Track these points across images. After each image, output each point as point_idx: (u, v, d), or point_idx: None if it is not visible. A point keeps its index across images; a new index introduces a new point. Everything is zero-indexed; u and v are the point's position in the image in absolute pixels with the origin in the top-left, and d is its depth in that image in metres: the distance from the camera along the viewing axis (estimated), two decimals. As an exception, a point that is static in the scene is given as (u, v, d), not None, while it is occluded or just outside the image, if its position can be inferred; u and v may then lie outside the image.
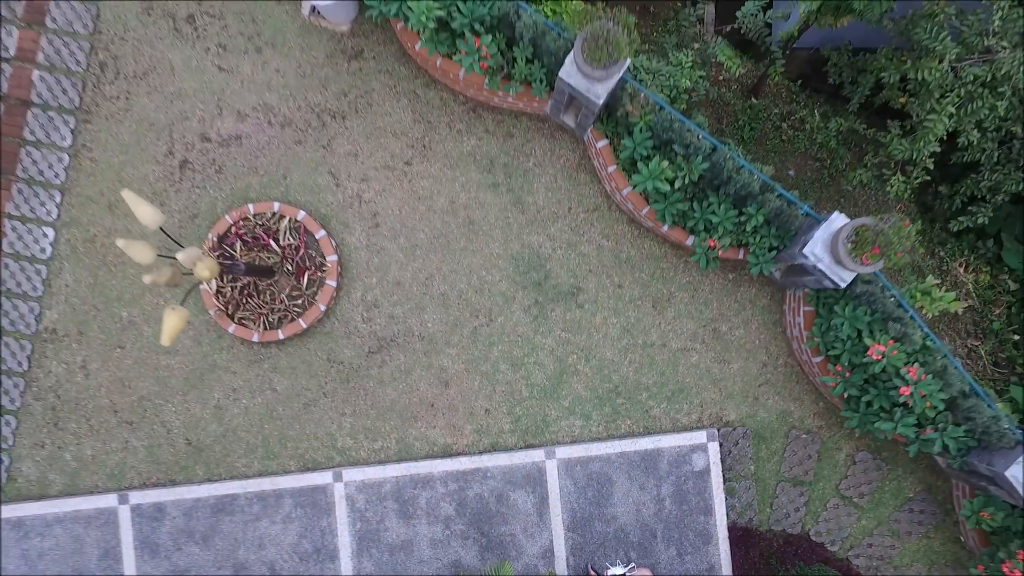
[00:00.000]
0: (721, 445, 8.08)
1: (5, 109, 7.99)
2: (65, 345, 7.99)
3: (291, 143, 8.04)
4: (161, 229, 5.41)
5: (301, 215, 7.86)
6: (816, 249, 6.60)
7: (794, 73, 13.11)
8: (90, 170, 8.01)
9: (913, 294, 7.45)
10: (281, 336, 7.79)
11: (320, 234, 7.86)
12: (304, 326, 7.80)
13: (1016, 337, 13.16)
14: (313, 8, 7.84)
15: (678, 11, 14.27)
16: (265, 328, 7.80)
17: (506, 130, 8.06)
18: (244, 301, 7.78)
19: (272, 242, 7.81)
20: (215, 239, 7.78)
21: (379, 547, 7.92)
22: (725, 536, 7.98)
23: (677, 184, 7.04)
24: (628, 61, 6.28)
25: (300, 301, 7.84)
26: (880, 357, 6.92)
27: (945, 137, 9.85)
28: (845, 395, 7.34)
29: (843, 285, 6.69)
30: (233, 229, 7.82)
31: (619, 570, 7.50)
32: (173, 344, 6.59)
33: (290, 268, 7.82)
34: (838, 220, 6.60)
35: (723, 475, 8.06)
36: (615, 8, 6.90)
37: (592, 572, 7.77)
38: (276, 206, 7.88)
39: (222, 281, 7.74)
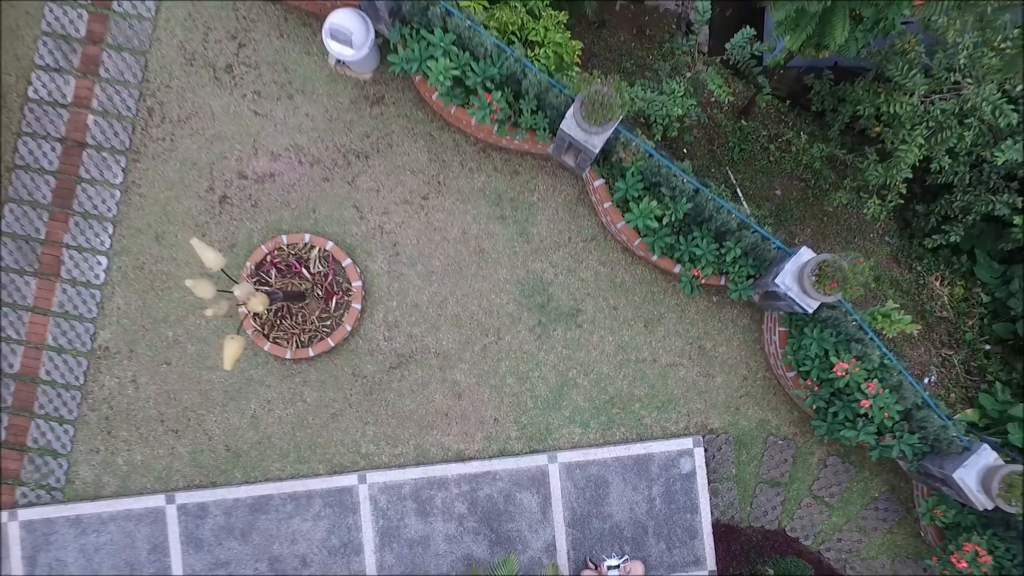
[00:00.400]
0: (706, 450, 9.00)
1: (63, 150, 8.90)
2: (117, 361, 8.90)
3: (319, 180, 8.96)
4: (222, 271, 6.32)
5: (329, 245, 8.77)
6: (786, 279, 7.52)
7: (785, 91, 14.02)
8: (139, 204, 8.92)
9: (875, 316, 8.36)
10: (311, 353, 8.71)
11: (346, 262, 8.78)
12: (332, 344, 8.72)
13: (987, 347, 14.13)
14: (339, 60, 8.74)
15: (672, 33, 15.18)
16: (297, 346, 8.72)
17: (512, 168, 8.98)
18: (278, 322, 8.70)
19: (304, 270, 8.73)
20: (252, 267, 8.69)
21: (399, 542, 8.84)
22: (709, 532, 8.90)
23: (665, 221, 7.97)
24: (621, 117, 7.18)
25: (328, 322, 8.76)
26: (844, 373, 7.85)
27: (917, 163, 10.79)
28: (814, 406, 8.27)
29: (810, 311, 7.61)
30: (268, 258, 8.73)
31: (614, 561, 8.42)
32: (232, 368, 7.39)
33: (320, 293, 8.74)
34: (805, 254, 7.52)
35: (708, 477, 8.98)
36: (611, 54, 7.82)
37: (590, 564, 8.70)
38: (307, 237, 8.79)
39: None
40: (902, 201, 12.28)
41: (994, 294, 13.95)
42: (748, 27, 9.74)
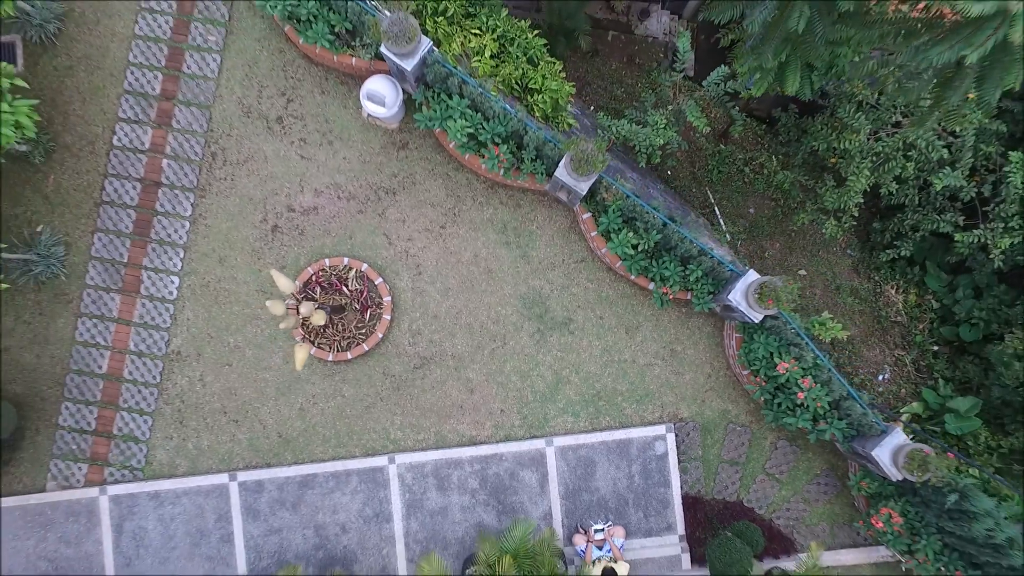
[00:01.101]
0: (676, 436, 10.84)
1: (142, 188, 10.72)
2: (187, 363, 10.72)
3: (355, 212, 10.78)
4: (293, 295, 8.13)
5: (364, 267, 10.60)
6: (737, 296, 9.35)
7: (765, 111, 15.81)
8: (205, 233, 10.73)
9: (813, 324, 10.20)
10: (349, 356, 10.53)
11: (378, 280, 10.61)
12: (366, 349, 10.55)
13: (935, 348, 16.17)
14: (371, 114, 10.55)
15: (660, 61, 17.04)
16: (338, 351, 10.54)
17: (516, 202, 10.81)
18: (322, 330, 10.52)
19: (343, 287, 10.56)
20: (300, 285, 10.51)
21: (422, 512, 10.68)
22: (679, 503, 10.74)
23: (640, 248, 9.80)
24: (603, 170, 9.01)
25: (363, 330, 10.58)
26: (784, 371, 9.69)
27: (868, 189, 12.65)
28: (763, 399, 10.11)
29: (756, 321, 9.45)
30: (313, 277, 10.56)
31: (600, 526, 10.24)
32: (301, 368, 9.10)
33: (356, 306, 10.56)
34: (751, 276, 9.35)
35: (678, 458, 10.82)
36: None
37: (580, 529, 10.53)
38: (345, 260, 10.62)
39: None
40: (855, 223, 14.26)
41: (942, 301, 15.94)
42: (724, 65, 11.50)
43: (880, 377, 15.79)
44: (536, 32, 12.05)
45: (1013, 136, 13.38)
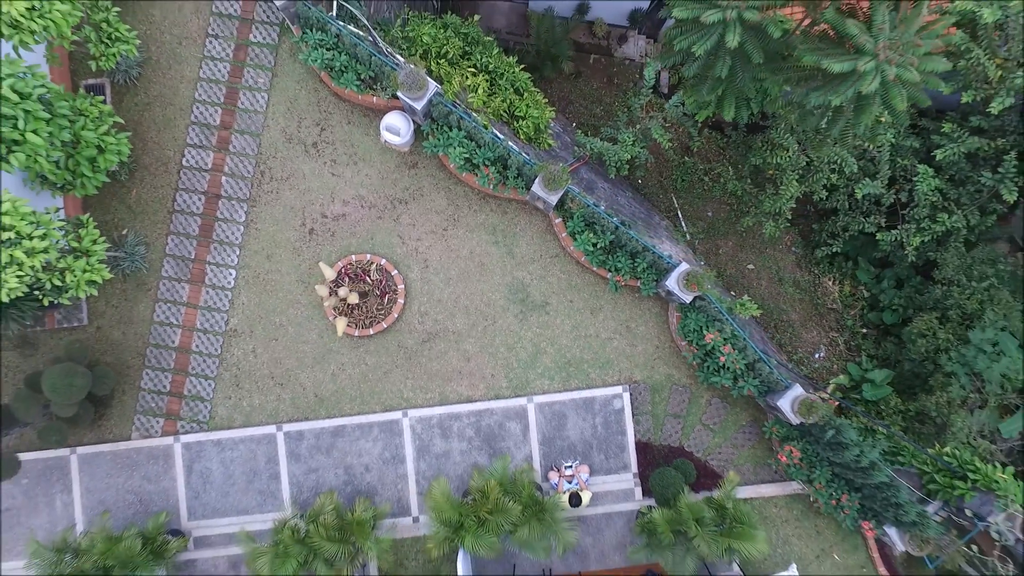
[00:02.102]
0: (631, 394, 13.65)
1: (205, 200, 13.49)
2: (242, 339, 13.49)
3: (375, 218, 13.57)
4: (339, 279, 10.91)
5: (383, 261, 13.39)
6: (672, 282, 12.17)
7: (729, 124, 18.53)
8: (256, 235, 13.51)
9: (734, 305, 13.02)
10: (371, 332, 13.31)
11: (394, 272, 13.40)
12: (385, 326, 13.33)
13: (864, 331, 19.16)
14: (387, 140, 13.34)
15: (636, 81, 19.89)
16: (362, 328, 13.33)
17: (503, 210, 13.61)
18: (350, 312, 13.30)
19: (366, 277, 13.35)
20: (333, 275, 13.29)
21: (429, 455, 13.47)
22: (633, 447, 13.54)
23: (598, 246, 12.61)
24: (567, 187, 11.82)
25: (382, 312, 13.37)
26: (710, 340, 12.50)
27: (802, 196, 15.47)
28: (696, 363, 12.92)
29: (687, 301, 12.26)
30: (343, 269, 13.34)
31: (569, 464, 13.04)
32: (342, 335, 11.79)
33: (377, 292, 13.35)
34: (682, 267, 12.16)
35: (632, 412, 13.63)
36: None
37: (554, 468, 13.33)
38: (368, 256, 13.41)
39: (336, 303, 13.28)
40: (789, 224, 17.21)
41: (871, 291, 18.94)
42: (682, 92, 14.26)
43: (816, 355, 18.78)
44: (522, 67, 14.93)
45: (928, 150, 16.17)
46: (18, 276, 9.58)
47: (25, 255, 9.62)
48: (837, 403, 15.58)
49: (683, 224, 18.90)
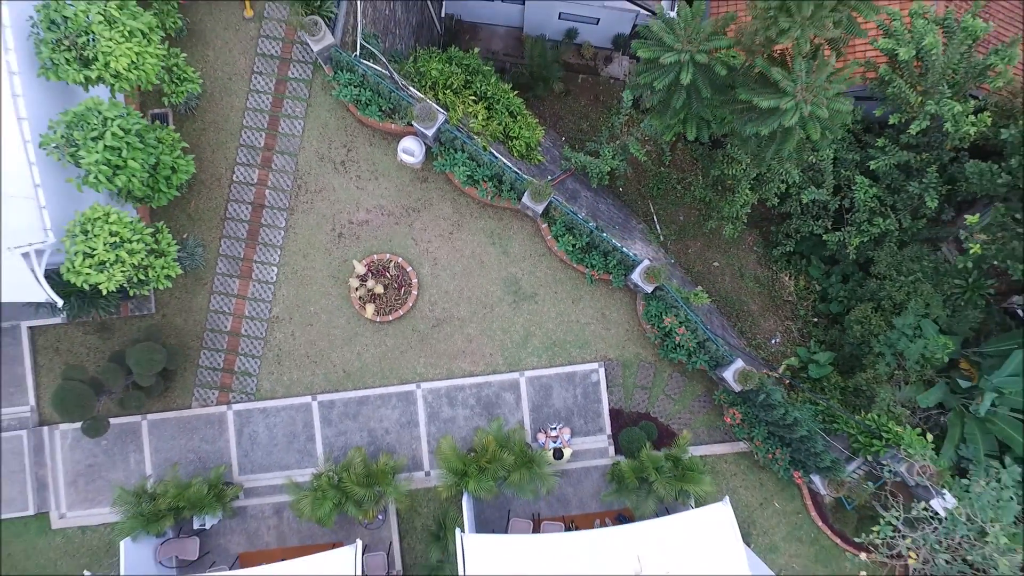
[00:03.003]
0: (605, 370, 16.41)
1: (252, 209, 16.27)
2: (283, 324, 16.27)
3: (393, 224, 16.34)
4: (366, 274, 13.70)
5: (399, 259, 16.17)
6: (636, 276, 14.95)
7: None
8: (294, 238, 16.28)
9: (688, 295, 15.79)
10: (390, 318, 16.10)
11: (408, 268, 16.18)
12: (401, 313, 16.11)
13: (815, 320, 21.96)
14: (403, 160, 16.11)
15: (620, 99, 22.60)
16: (383, 315, 16.11)
17: (499, 216, 16.40)
18: (373, 300, 16.08)
19: (386, 273, 16.13)
20: (363, 270, 16.06)
21: (438, 420, 16.25)
22: (607, 413, 16.32)
23: (577, 246, 15.39)
24: (549, 199, 14.60)
25: (399, 301, 16.15)
26: (668, 324, 15.28)
27: (757, 202, 18.20)
28: (657, 343, 15.71)
29: (649, 291, 15.04)
30: (367, 266, 16.12)
31: (554, 426, 15.81)
32: (363, 322, 14.66)
33: (395, 285, 16.13)
34: (644, 263, 14.94)
35: (606, 384, 16.40)
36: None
37: (541, 430, 16.11)
38: (387, 255, 16.18)
39: (362, 291, 16.06)
40: (746, 227, 20.03)
41: (821, 285, 21.72)
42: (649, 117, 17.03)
43: (773, 340, 21.60)
44: (516, 91, 17.72)
45: (868, 162, 18.82)
46: (122, 272, 12.35)
47: (128, 255, 12.39)
48: (788, 381, 18.40)
49: (657, 227, 21.71)
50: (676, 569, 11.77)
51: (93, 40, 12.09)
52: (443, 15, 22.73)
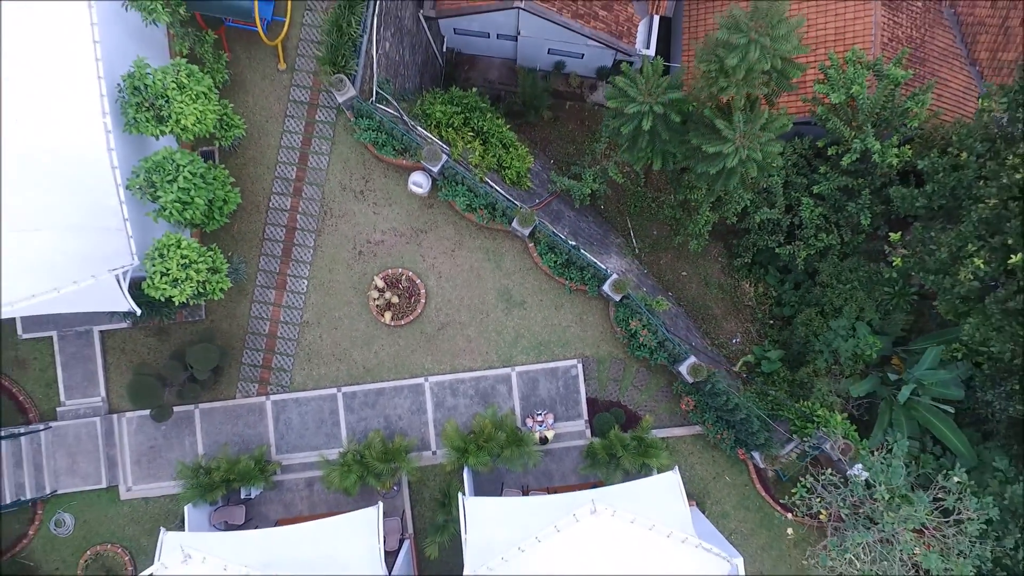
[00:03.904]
0: (583, 366, 19.51)
1: (286, 231, 19.36)
2: (312, 328, 19.37)
3: (403, 243, 19.44)
4: (383, 287, 16.81)
5: (410, 273, 19.28)
6: (606, 287, 18.06)
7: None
8: (321, 255, 19.38)
9: (650, 302, 18.90)
10: (403, 323, 19.20)
11: (417, 281, 19.28)
12: (411, 319, 19.22)
13: (771, 322, 25.12)
14: (412, 190, 19.18)
15: (602, 127, 25.41)
16: (397, 319, 19.21)
17: (493, 237, 19.51)
18: (389, 308, 19.18)
19: (399, 284, 19.24)
20: (382, 284, 19.15)
21: (444, 408, 19.37)
22: (585, 402, 19.42)
23: (558, 262, 18.50)
24: (535, 224, 17.71)
25: (409, 308, 19.25)
26: (634, 327, 18.40)
27: (717, 220, 21.25)
28: (625, 342, 18.82)
29: (617, 300, 18.14)
30: (382, 279, 19.22)
31: (540, 411, 18.92)
32: (380, 326, 17.81)
33: (406, 295, 19.24)
34: (614, 276, 18.04)
35: (584, 378, 19.49)
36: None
37: (529, 416, 19.22)
38: (400, 269, 19.29)
39: (380, 300, 19.16)
40: (709, 241, 23.11)
41: (777, 291, 24.84)
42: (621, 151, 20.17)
43: (734, 340, 24.71)
44: (508, 125, 20.81)
45: (811, 185, 21.85)
46: (191, 286, 15.45)
47: (195, 272, 15.49)
48: (743, 375, 21.52)
49: (634, 241, 24.82)
50: (632, 517, 14.85)
51: (168, 102, 15.17)
52: (444, 50, 25.81)
